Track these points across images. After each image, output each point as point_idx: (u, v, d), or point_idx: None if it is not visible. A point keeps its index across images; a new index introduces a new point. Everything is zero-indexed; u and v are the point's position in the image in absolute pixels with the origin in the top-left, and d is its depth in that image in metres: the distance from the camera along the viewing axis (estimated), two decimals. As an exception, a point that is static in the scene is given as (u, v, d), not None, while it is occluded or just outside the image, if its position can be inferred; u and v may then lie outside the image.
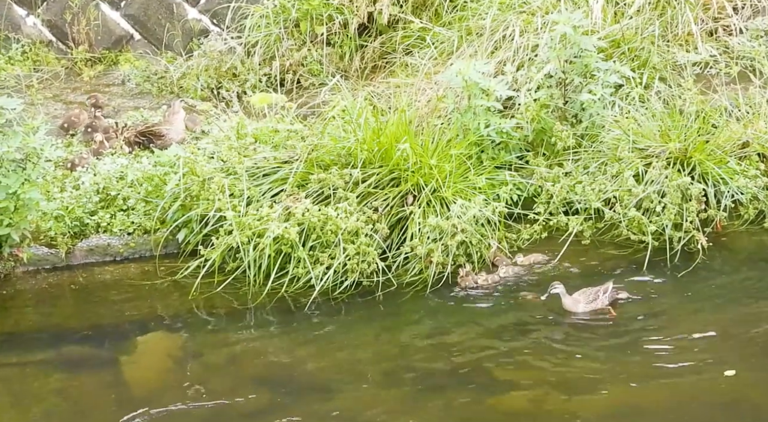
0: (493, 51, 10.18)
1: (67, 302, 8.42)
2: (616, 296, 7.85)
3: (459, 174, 9.01)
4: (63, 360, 7.54)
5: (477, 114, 9.35)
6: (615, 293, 7.84)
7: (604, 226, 8.90)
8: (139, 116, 10.87)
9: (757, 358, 7.19)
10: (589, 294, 7.80)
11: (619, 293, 7.87)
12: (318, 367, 7.34)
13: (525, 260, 8.47)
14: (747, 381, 6.92)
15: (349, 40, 11.36)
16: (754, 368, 7.08)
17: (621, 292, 7.89)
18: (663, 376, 7.01)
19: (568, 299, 7.81)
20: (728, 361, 7.12)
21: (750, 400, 6.79)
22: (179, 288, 8.41)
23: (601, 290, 7.79)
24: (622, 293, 7.89)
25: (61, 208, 8.93)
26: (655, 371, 7.06)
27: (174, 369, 7.40)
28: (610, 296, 7.79)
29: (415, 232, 8.50)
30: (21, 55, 11.82)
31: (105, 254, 8.93)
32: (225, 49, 11.55)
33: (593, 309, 7.77)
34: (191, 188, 8.78)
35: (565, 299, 7.82)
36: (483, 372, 7.17)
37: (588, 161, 9.28)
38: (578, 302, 7.79)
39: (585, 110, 9.52)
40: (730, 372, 6.98)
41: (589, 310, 7.77)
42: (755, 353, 7.25)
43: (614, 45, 10.12)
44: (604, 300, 7.76)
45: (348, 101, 9.42)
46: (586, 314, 7.76)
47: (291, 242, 8.29)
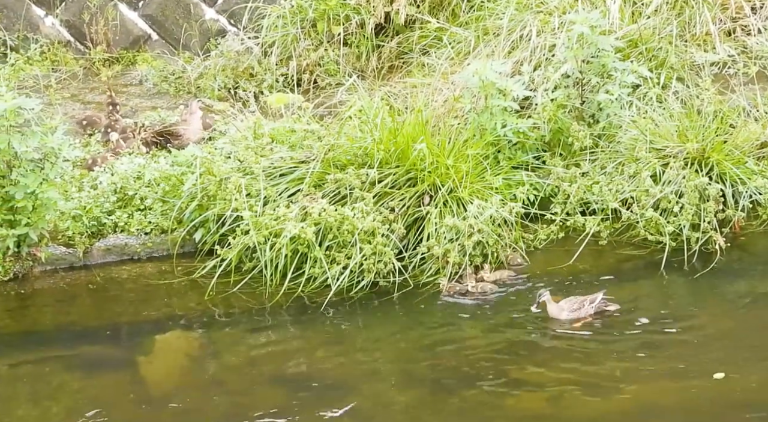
0: (510, 51, 10.16)
1: (85, 302, 8.44)
2: (604, 308, 7.73)
3: (475, 174, 8.99)
4: (81, 358, 7.56)
5: (494, 114, 9.34)
6: (603, 304, 7.72)
7: (622, 226, 8.87)
8: (156, 116, 10.88)
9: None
10: (573, 302, 7.73)
11: (607, 305, 7.74)
12: (335, 367, 7.34)
13: (491, 276, 8.37)
14: (760, 384, 6.89)
15: (365, 40, 11.35)
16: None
17: (610, 304, 7.75)
18: (680, 377, 6.98)
19: (553, 307, 7.75)
20: (745, 363, 7.08)
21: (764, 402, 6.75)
22: (196, 288, 8.43)
23: (587, 299, 7.70)
24: (611, 305, 7.75)
25: (79, 207, 8.95)
26: (672, 372, 7.03)
27: (191, 368, 7.41)
28: (597, 306, 7.70)
29: (431, 232, 8.49)
30: (39, 56, 11.87)
31: (122, 254, 8.95)
32: (242, 49, 11.56)
33: (576, 318, 7.69)
34: (208, 187, 8.79)
35: (550, 306, 7.76)
36: (501, 372, 7.15)
37: (605, 161, 9.25)
38: (562, 309, 7.73)
39: (602, 110, 9.48)
40: (719, 374, 6.94)
41: (573, 318, 7.70)
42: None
43: (632, 45, 10.08)
44: (590, 310, 7.67)
45: (364, 101, 9.41)
46: (569, 322, 7.69)
47: (307, 242, 8.29)
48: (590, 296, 7.77)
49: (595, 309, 7.69)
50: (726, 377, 6.92)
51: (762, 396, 6.78)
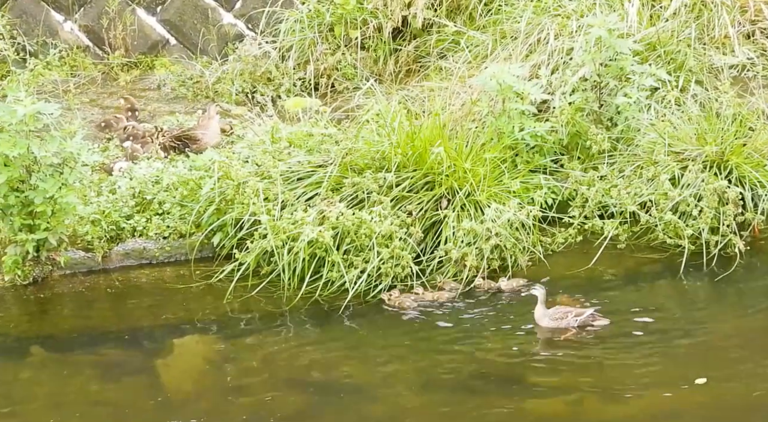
0: (527, 54, 10.13)
1: (104, 306, 8.45)
2: (590, 322, 7.64)
3: (493, 178, 8.97)
4: (100, 362, 7.57)
5: (511, 117, 9.31)
6: (590, 318, 7.63)
7: (640, 230, 8.83)
8: (174, 121, 10.90)
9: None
10: (558, 311, 7.66)
11: (594, 320, 7.64)
12: (353, 371, 7.32)
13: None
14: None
15: (383, 44, 11.34)
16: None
17: (599, 319, 7.64)
18: (702, 383, 6.92)
19: (539, 310, 7.70)
20: (766, 370, 7.02)
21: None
22: (214, 292, 8.42)
23: (573, 312, 7.63)
24: (600, 320, 7.64)
25: (98, 212, 8.97)
26: (693, 377, 6.96)
27: (210, 372, 7.40)
28: (582, 320, 7.61)
29: (449, 236, 8.47)
30: (58, 61, 11.90)
31: (141, 258, 8.95)
32: (260, 53, 11.57)
33: (556, 327, 7.62)
34: (226, 192, 8.79)
35: (538, 308, 7.71)
36: (519, 377, 7.12)
37: (623, 165, 9.22)
38: (545, 315, 7.67)
39: (620, 113, 9.45)
40: (700, 380, 6.88)
41: (552, 327, 7.63)
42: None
43: (650, 48, 10.04)
44: (572, 322, 7.60)
45: (382, 105, 9.40)
46: (549, 331, 7.63)
47: (325, 246, 8.27)
48: (578, 309, 7.68)
49: (579, 323, 7.61)
50: (746, 381, 6.87)
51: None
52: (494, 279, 8.31)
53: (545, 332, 7.65)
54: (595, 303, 7.97)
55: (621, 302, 8.07)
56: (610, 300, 8.10)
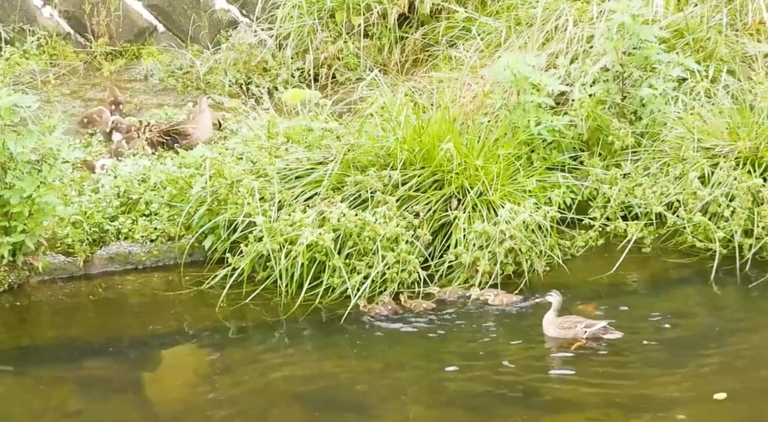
0: (544, 42, 10.16)
1: (86, 315, 8.48)
2: (601, 335, 7.64)
3: (507, 176, 8.99)
4: (82, 376, 7.58)
5: (527, 111, 9.34)
6: (602, 331, 7.64)
7: (667, 232, 8.86)
8: (162, 114, 10.94)
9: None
10: (567, 321, 7.67)
11: (606, 333, 7.63)
12: (356, 385, 7.34)
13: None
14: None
15: (388, 32, 11.38)
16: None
17: (612, 332, 7.63)
18: (734, 398, 6.90)
19: (548, 317, 7.74)
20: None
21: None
22: (206, 299, 8.45)
23: (583, 323, 7.64)
24: (612, 333, 7.63)
25: (79, 213, 9.00)
26: (725, 391, 6.97)
27: (201, 386, 7.42)
28: (592, 332, 7.61)
29: (459, 239, 8.50)
30: (37, 49, 11.95)
31: (126, 263, 8.99)
32: (255, 41, 11.62)
33: (563, 337, 7.64)
34: (218, 191, 8.82)
35: (548, 314, 7.75)
36: (534, 391, 7.13)
37: (648, 162, 9.24)
38: (552, 324, 7.71)
39: (645, 105, 9.47)
40: (720, 395, 6.90)
41: (558, 336, 7.66)
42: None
43: (677, 35, 10.06)
44: (581, 333, 7.61)
45: (387, 97, 9.43)
46: (555, 340, 7.67)
47: (326, 250, 8.30)
48: (589, 320, 7.69)
49: (589, 335, 7.62)
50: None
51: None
52: (508, 287, 8.34)
53: (554, 342, 7.67)
54: (617, 312, 7.98)
55: (646, 310, 8.07)
56: (633, 308, 8.10)
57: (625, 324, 7.82)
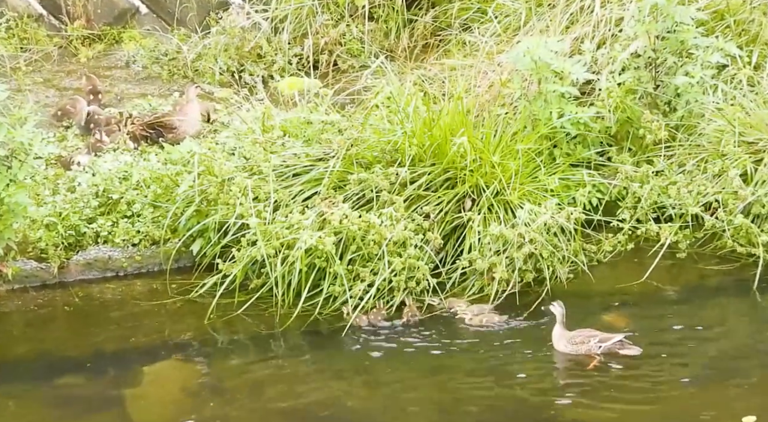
0: (568, 25, 10.16)
1: (61, 327, 8.48)
2: (617, 350, 7.61)
3: (527, 174, 8.98)
4: (56, 394, 7.57)
5: (549, 101, 9.33)
6: (618, 346, 7.61)
7: (704, 236, 8.85)
8: (146, 105, 10.95)
9: None
10: (578, 336, 7.66)
11: (623, 348, 7.61)
12: (358, 404, 7.34)
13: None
14: None
15: (395, 14, 11.38)
16: None
17: (630, 348, 7.60)
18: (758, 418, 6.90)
19: (557, 331, 7.73)
20: None
21: None
22: (194, 309, 8.45)
23: (597, 337, 7.62)
24: (629, 349, 7.60)
25: (54, 214, 9.00)
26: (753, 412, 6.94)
27: (188, 404, 7.42)
28: (607, 347, 7.59)
29: (474, 243, 8.48)
30: (5, 32, 11.96)
31: (105, 269, 8.99)
32: (248, 25, 11.63)
33: (575, 353, 7.63)
34: (208, 190, 8.82)
35: (556, 328, 7.74)
36: (554, 411, 7.12)
37: (684, 158, 9.23)
38: (562, 337, 7.70)
39: (680, 95, 9.46)
40: (749, 418, 6.85)
41: (570, 352, 7.65)
42: None
43: (717, 17, 10.05)
44: (594, 348, 7.59)
45: (394, 87, 9.42)
46: (566, 355, 7.66)
47: (326, 255, 8.29)
48: (604, 334, 7.65)
49: (603, 350, 7.59)
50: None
51: None
52: (527, 296, 8.32)
53: (565, 358, 7.65)
54: (648, 324, 7.97)
55: (680, 322, 8.06)
56: (667, 320, 8.10)
57: (655, 337, 7.82)
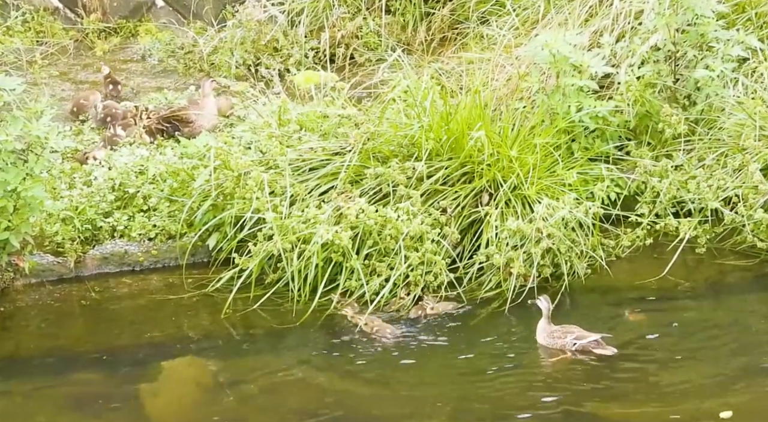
0: (587, 18, 10.14)
1: (77, 322, 8.51)
2: (592, 349, 7.68)
3: (544, 168, 8.98)
4: (72, 390, 7.60)
5: (567, 95, 9.32)
6: (593, 345, 7.67)
7: (724, 231, 8.84)
8: (162, 99, 10.97)
9: None
10: (558, 330, 7.75)
11: (597, 348, 7.67)
12: (375, 400, 7.35)
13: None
14: None
15: (412, 7, 11.37)
16: None
17: (604, 348, 7.65)
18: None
19: (541, 324, 7.83)
20: None
21: None
22: (210, 304, 8.48)
23: (574, 334, 7.70)
24: (604, 349, 7.65)
25: (70, 208, 9.03)
26: None
27: (204, 401, 7.45)
28: (582, 345, 7.67)
29: (491, 237, 8.48)
30: (22, 25, 11.99)
31: (121, 264, 9.02)
32: (264, 18, 11.63)
33: (551, 346, 7.71)
34: (224, 184, 8.84)
35: (541, 322, 7.83)
36: (578, 409, 7.12)
37: (704, 152, 9.22)
38: (544, 331, 7.79)
39: (700, 89, 9.44)
40: (726, 413, 6.88)
41: (547, 345, 7.74)
42: None
43: (738, 9, 10.03)
44: (569, 344, 7.68)
45: (411, 80, 9.42)
46: (544, 348, 7.75)
47: (342, 250, 8.31)
48: (584, 332, 7.71)
49: (578, 347, 7.67)
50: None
51: None
52: (545, 291, 8.32)
53: (545, 351, 7.73)
54: (667, 320, 7.96)
55: (699, 319, 8.07)
56: (686, 316, 8.09)
57: (675, 334, 7.81)
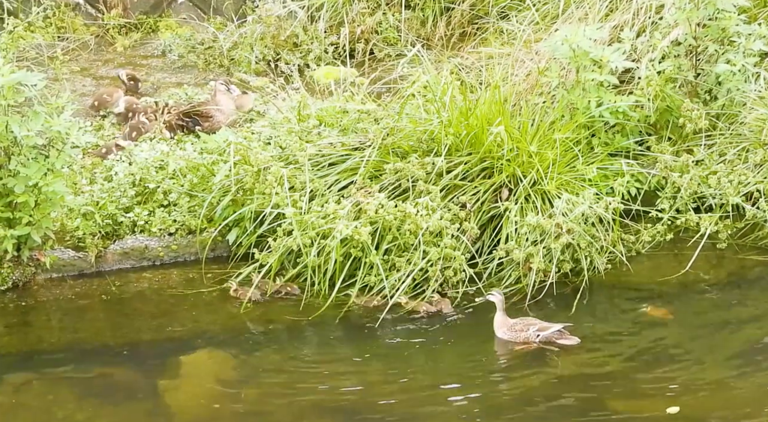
0: (607, 13, 10.12)
1: (98, 316, 8.55)
2: (555, 340, 7.76)
3: (564, 163, 8.98)
4: (93, 384, 7.65)
5: (587, 90, 9.31)
6: (556, 336, 7.76)
7: (745, 226, 8.83)
8: (182, 94, 11.00)
9: None
10: (519, 323, 7.82)
11: (561, 338, 7.76)
12: (394, 394, 7.36)
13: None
14: None
15: (432, 2, 11.37)
16: None
17: (568, 338, 7.76)
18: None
19: (498, 318, 7.90)
20: None
21: None
22: (229, 299, 8.51)
23: (536, 326, 7.78)
24: (567, 339, 7.76)
25: (91, 203, 9.07)
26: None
27: (224, 395, 7.47)
28: (545, 336, 7.76)
29: (510, 233, 8.49)
30: (43, 21, 12.02)
31: (142, 259, 9.06)
32: (284, 13, 11.64)
33: (514, 340, 7.79)
34: (244, 179, 8.86)
35: (497, 316, 7.90)
36: (596, 403, 7.13)
37: (725, 147, 9.19)
38: (503, 325, 7.86)
39: (721, 84, 9.42)
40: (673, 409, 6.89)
41: (508, 338, 7.81)
42: None
43: (760, 3, 9.99)
44: (532, 336, 7.76)
45: (430, 75, 9.43)
46: (505, 342, 7.81)
47: (362, 245, 8.33)
48: (545, 324, 7.80)
49: (542, 339, 7.76)
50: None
51: None
52: (564, 286, 8.34)
53: (505, 345, 7.78)
54: (688, 316, 7.96)
55: (721, 314, 8.06)
56: (707, 312, 8.10)
57: (696, 329, 7.82)
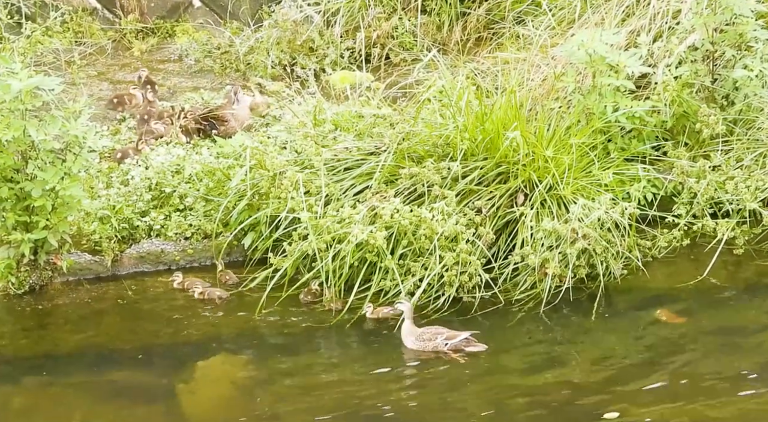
0: (624, 18, 10.11)
1: (114, 320, 8.57)
2: (463, 347, 7.80)
3: (580, 168, 8.97)
4: (108, 387, 7.67)
5: (603, 95, 9.30)
6: (463, 343, 7.81)
7: (763, 232, 8.81)
8: (198, 99, 11.02)
9: None
10: (426, 332, 7.85)
11: (469, 345, 7.81)
12: (410, 400, 7.36)
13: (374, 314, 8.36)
14: None
15: (448, 7, 11.36)
16: None
17: (475, 345, 7.81)
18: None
19: (405, 327, 7.92)
20: None
21: None
22: (245, 303, 8.52)
23: (444, 335, 7.81)
24: (475, 346, 7.81)
25: (107, 207, 9.09)
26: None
27: (239, 400, 7.49)
28: (454, 344, 7.80)
29: (526, 238, 8.49)
30: (60, 26, 12.06)
31: (158, 263, 9.08)
32: (300, 18, 11.65)
33: (423, 349, 7.81)
34: (260, 184, 8.89)
35: (405, 325, 7.92)
36: (610, 407, 7.12)
37: (742, 152, 9.18)
38: (411, 334, 7.88)
39: (739, 89, 9.40)
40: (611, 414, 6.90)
41: (416, 348, 7.84)
42: None
43: (777, 9, 9.99)
44: (441, 345, 7.79)
45: (446, 80, 9.43)
46: (414, 352, 7.83)
47: (377, 250, 8.34)
48: (452, 332, 7.84)
49: (450, 347, 7.80)
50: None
51: None
52: (580, 292, 8.33)
53: (414, 354, 7.81)
54: (704, 323, 7.94)
55: (737, 321, 8.04)
56: (724, 318, 8.08)
57: (712, 337, 7.79)
